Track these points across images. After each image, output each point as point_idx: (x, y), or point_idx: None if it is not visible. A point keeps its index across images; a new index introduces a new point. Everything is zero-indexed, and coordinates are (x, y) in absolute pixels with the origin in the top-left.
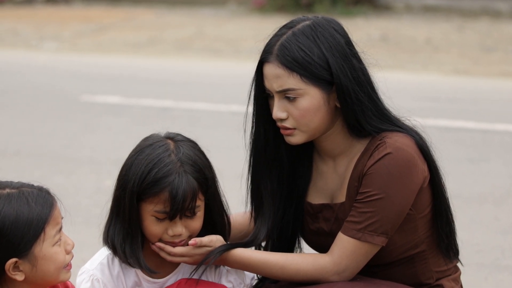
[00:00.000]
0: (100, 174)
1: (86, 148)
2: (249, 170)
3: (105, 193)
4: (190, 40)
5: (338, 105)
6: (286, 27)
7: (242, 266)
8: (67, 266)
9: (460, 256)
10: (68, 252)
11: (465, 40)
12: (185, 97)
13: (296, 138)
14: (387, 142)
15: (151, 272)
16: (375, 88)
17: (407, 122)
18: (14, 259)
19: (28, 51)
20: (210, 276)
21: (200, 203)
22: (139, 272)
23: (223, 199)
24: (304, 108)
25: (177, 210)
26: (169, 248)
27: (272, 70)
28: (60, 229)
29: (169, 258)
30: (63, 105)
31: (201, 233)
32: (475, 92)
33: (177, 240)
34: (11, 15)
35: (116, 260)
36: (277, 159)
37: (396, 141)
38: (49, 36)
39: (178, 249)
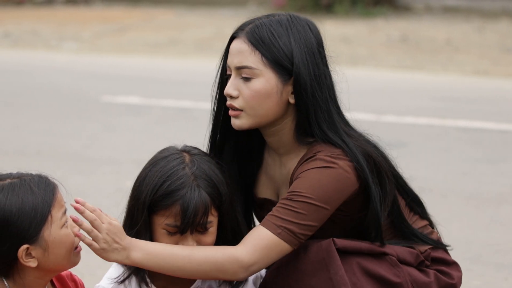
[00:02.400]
0: (120, 174)
1: (106, 148)
2: (208, 145)
3: (125, 194)
4: (210, 40)
5: (291, 101)
6: (266, 15)
7: (146, 256)
8: (77, 248)
9: (480, 256)
10: (75, 235)
11: (485, 41)
12: (205, 98)
13: (241, 121)
14: (317, 156)
15: None
16: (335, 96)
17: (357, 137)
18: (25, 246)
19: (48, 51)
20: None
21: (213, 218)
22: None
23: (239, 217)
24: (255, 90)
25: (188, 224)
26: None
27: (237, 45)
28: (65, 212)
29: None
30: (83, 106)
31: None
32: (494, 92)
33: None
34: (31, 15)
35: (132, 280)
36: (236, 141)
37: (326, 155)
38: (69, 36)
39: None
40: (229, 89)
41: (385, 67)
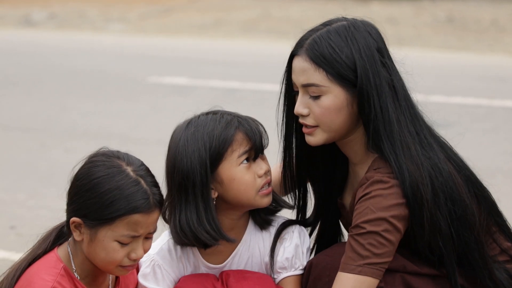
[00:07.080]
0: None
1: (153, 129)
2: (284, 164)
3: None
4: (256, 21)
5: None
6: (323, 24)
7: None
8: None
9: None
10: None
11: None
12: (252, 78)
13: (316, 138)
14: (375, 177)
15: (231, 241)
16: (399, 103)
17: (430, 148)
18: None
19: (94, 33)
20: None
21: None
22: (199, 257)
23: None
24: (326, 106)
25: (260, 140)
26: None
27: (299, 64)
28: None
29: None
30: (129, 87)
31: None
32: None
33: (270, 177)
34: None
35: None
36: (311, 157)
37: (384, 175)
38: (115, 18)
39: None
40: (298, 108)
41: (432, 48)
